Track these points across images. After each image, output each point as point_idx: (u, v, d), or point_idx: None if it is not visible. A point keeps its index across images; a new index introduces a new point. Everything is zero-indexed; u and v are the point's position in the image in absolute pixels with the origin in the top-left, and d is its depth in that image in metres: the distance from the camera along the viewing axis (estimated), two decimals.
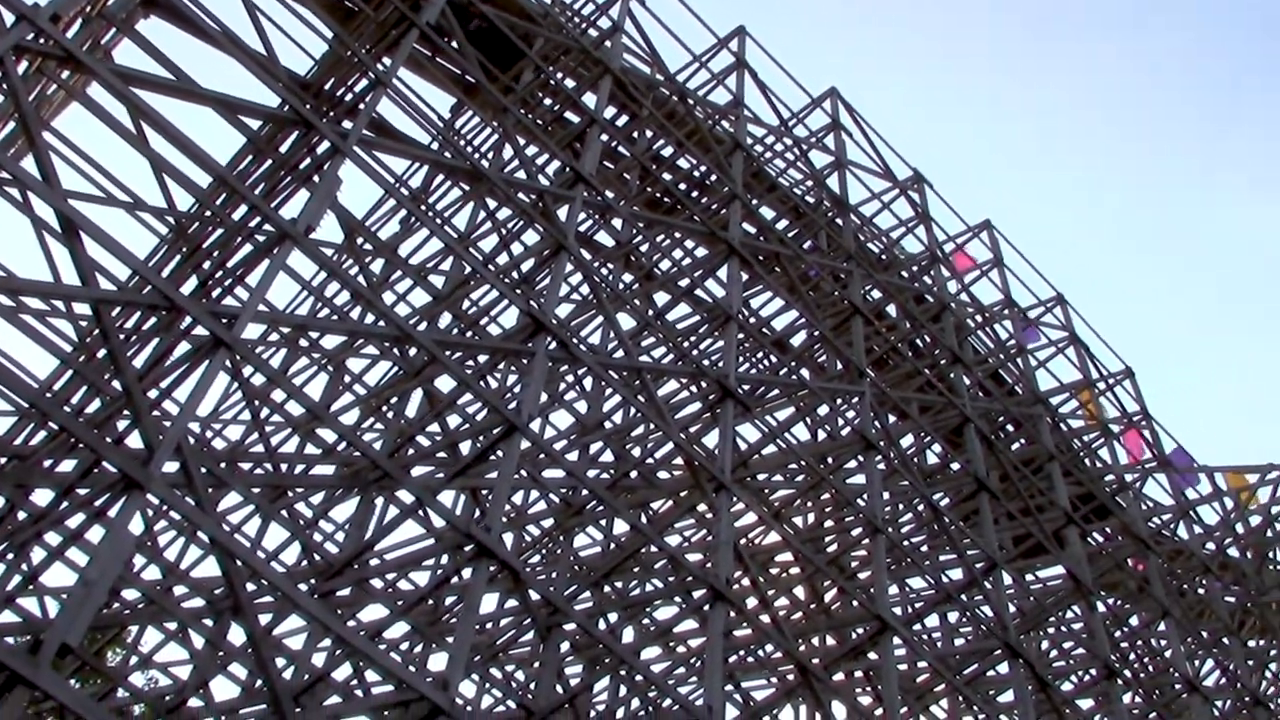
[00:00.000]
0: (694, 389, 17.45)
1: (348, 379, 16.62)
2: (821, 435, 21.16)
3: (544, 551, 18.23)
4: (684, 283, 18.77)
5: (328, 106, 15.03)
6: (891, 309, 22.55)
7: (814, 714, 17.81)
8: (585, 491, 16.14)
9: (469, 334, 16.49)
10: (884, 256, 23.45)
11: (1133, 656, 22.33)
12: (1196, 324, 78.77)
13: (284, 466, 15.41)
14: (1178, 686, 19.86)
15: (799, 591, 20.87)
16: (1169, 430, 26.30)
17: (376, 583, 16.58)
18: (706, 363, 17.42)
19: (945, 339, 21.06)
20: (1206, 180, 77.47)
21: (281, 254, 10.83)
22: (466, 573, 11.52)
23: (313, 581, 13.55)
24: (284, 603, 13.80)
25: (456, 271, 16.85)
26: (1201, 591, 23.55)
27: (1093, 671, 18.71)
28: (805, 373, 20.86)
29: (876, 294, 22.04)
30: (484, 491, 15.37)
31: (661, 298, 19.48)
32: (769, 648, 17.95)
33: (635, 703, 18.71)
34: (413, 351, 15.13)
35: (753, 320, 21.09)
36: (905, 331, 22.01)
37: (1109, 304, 75.91)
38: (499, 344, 13.98)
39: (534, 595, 12.43)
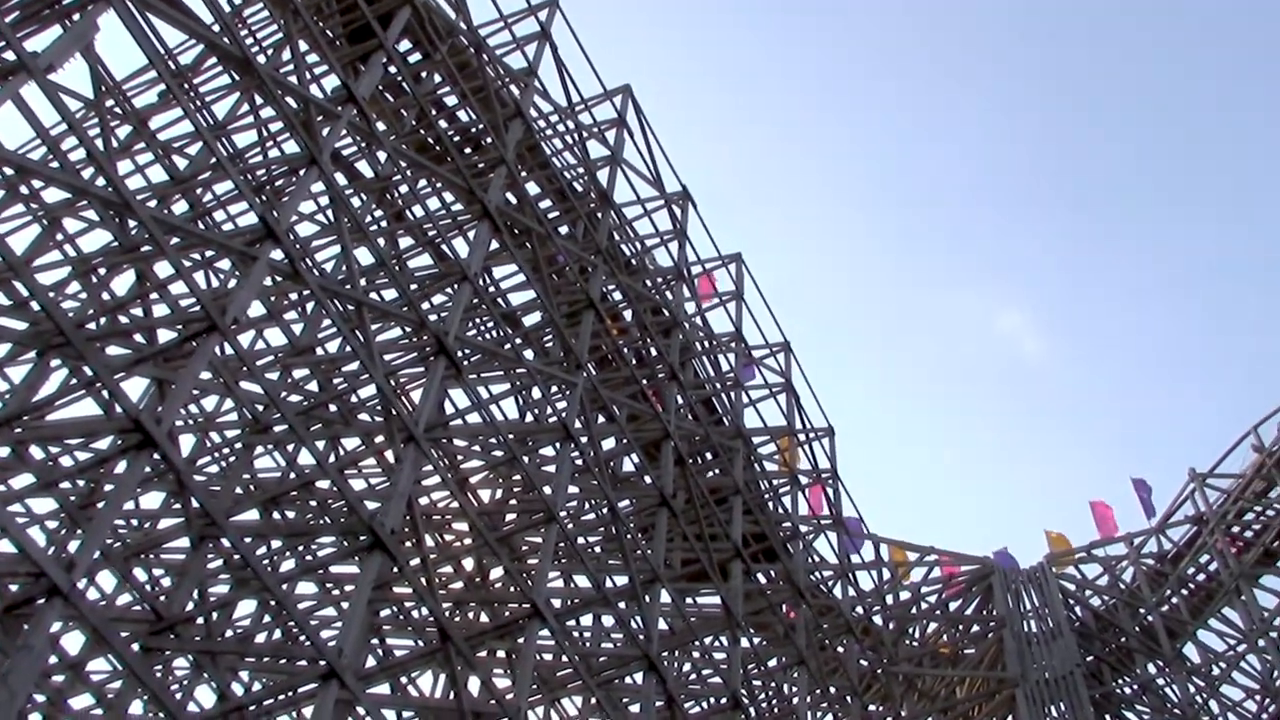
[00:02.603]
0: (413, 339, 17.32)
1: (60, 238, 15.76)
2: (529, 418, 21.33)
3: (222, 463, 17.74)
4: (431, 233, 18.61)
5: None
6: (628, 314, 22.89)
7: (450, 683, 17.88)
8: (277, 413, 15.79)
9: (198, 224, 15.91)
10: (633, 262, 23.77)
11: (762, 695, 23.29)
12: (900, 404, 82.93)
13: None
14: None
15: (467, 562, 20.97)
16: (851, 494, 27.57)
17: (37, 453, 15.80)
18: (433, 318, 17.27)
19: (669, 355, 21.50)
20: (945, 276, 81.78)
21: (13, 85, 10.21)
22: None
23: None
24: None
25: (203, 159, 16.24)
26: (840, 650, 24.71)
27: (722, 700, 19.37)
28: (529, 354, 20.96)
29: (617, 295, 22.33)
30: (172, 385, 14.87)
31: (406, 242, 19.26)
32: (424, 611, 17.97)
33: (278, 633, 18.43)
34: (134, 228, 14.50)
35: (490, 289, 21.07)
36: (634, 339, 22.36)
37: (830, 364, 79.19)
38: (224, 240, 13.52)
39: (195, 502, 12.09)
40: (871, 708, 27.55)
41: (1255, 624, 30.95)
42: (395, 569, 13.28)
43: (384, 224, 18.91)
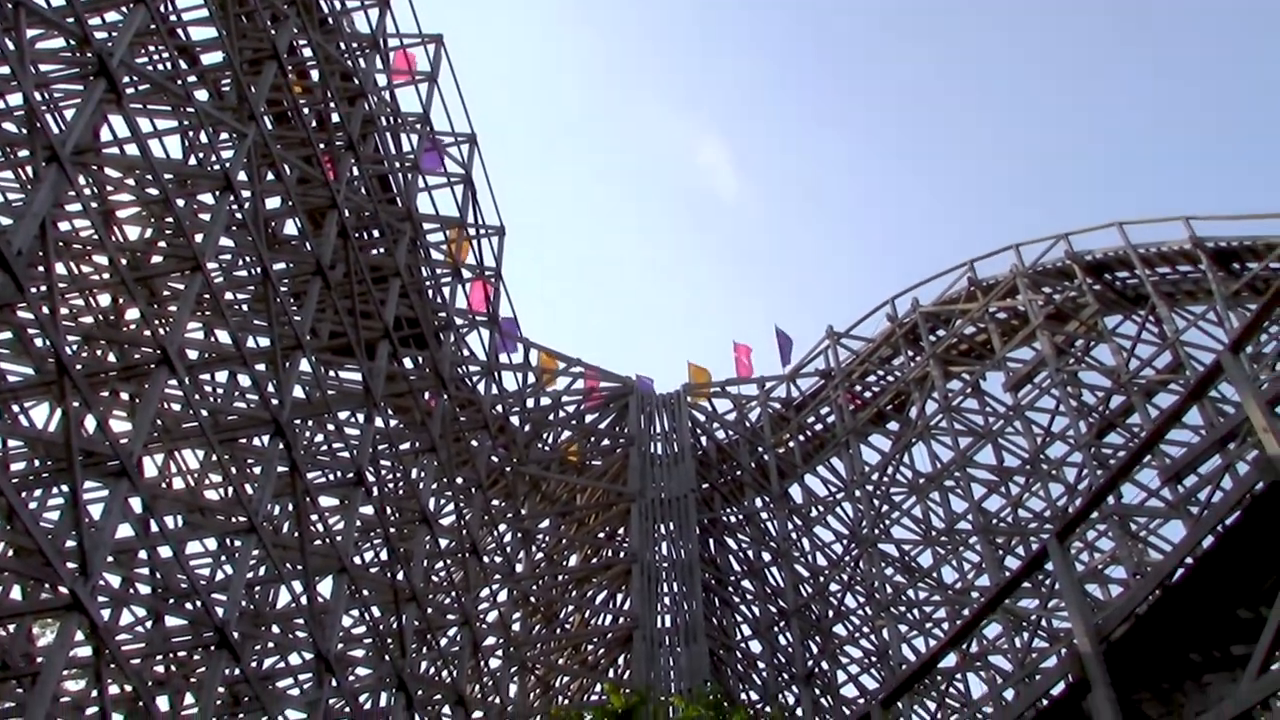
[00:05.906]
0: (74, 55, 16.12)
1: None
2: (192, 161, 20.41)
3: None
4: None
5: None
6: (315, 75, 22.03)
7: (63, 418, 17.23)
8: None
9: None
10: (329, 21, 22.80)
11: (389, 476, 23.61)
12: (583, 217, 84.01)
13: None
14: (414, 514, 21.19)
15: (103, 299, 20.09)
16: (512, 296, 27.91)
17: None
18: (101, 35, 16.09)
19: (350, 124, 20.88)
20: (656, 99, 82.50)
21: None
22: None
23: None
24: None
25: None
26: (474, 444, 25.22)
27: (348, 475, 19.42)
28: (202, 94, 19.91)
29: (307, 53, 21.43)
30: None
31: None
32: (47, 341, 17.12)
33: None
34: None
35: (173, 18, 19.81)
36: (316, 100, 21.60)
37: (519, 165, 79.05)
38: None
39: None
40: (495, 503, 28.40)
41: (856, 476, 33.45)
42: (19, 292, 12.54)
43: None
